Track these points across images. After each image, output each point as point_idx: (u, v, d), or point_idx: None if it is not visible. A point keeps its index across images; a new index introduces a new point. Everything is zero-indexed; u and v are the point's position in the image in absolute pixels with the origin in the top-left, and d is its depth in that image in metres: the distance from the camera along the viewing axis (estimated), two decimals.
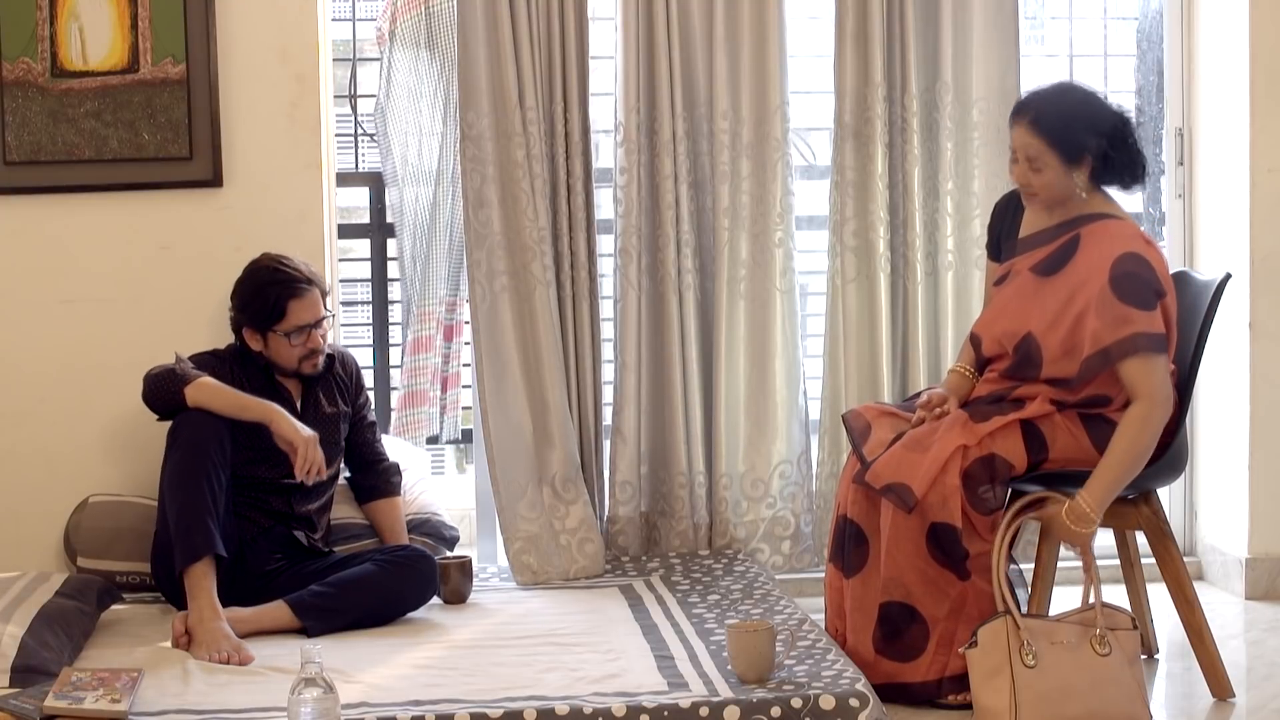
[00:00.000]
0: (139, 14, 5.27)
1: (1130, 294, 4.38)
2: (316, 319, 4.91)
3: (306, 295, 4.89)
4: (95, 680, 3.96)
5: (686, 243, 5.47)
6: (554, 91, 5.41)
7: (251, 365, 4.95)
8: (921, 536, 4.40)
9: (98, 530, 5.19)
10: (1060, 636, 4.24)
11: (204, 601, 4.51)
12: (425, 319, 5.59)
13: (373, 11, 5.77)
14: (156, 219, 5.38)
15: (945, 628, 4.42)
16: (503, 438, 5.35)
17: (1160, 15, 5.94)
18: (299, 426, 4.75)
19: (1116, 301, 4.37)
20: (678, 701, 3.90)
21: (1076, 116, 4.53)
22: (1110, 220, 4.53)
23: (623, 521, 5.52)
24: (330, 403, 5.02)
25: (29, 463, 5.38)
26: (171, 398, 4.74)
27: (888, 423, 4.60)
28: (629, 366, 5.47)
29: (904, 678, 4.45)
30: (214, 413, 4.72)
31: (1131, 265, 4.40)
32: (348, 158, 5.84)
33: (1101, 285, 4.39)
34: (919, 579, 4.41)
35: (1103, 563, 5.45)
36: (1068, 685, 4.20)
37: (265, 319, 4.88)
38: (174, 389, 4.73)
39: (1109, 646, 4.24)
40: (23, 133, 5.28)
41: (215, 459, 4.65)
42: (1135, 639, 4.30)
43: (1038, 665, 4.19)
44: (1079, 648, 4.24)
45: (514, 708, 3.87)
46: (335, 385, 5.05)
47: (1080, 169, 4.50)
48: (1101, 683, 4.22)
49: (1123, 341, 4.36)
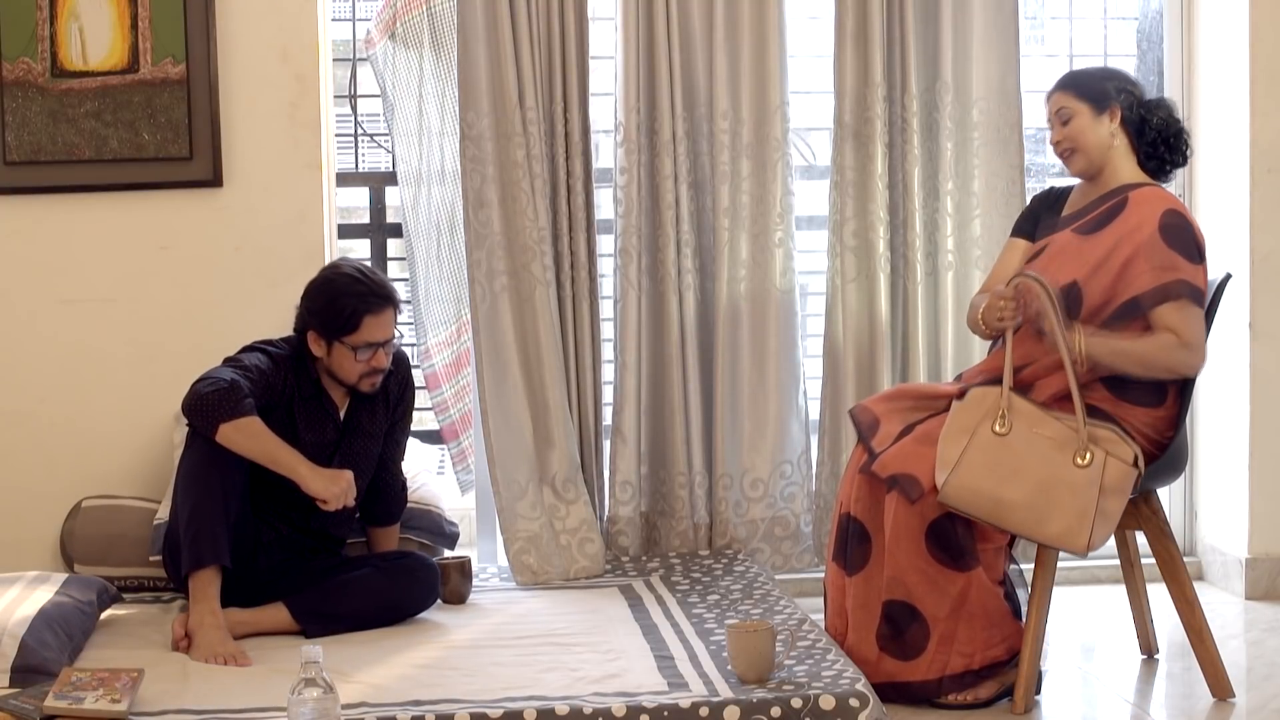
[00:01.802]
0: (139, 14, 5.27)
1: (1178, 243, 4.45)
2: (386, 338, 4.76)
3: (383, 312, 4.73)
4: (95, 680, 3.95)
5: (686, 243, 5.47)
6: (554, 91, 5.42)
7: (304, 373, 4.79)
8: (921, 535, 4.39)
9: (93, 537, 5.19)
10: (1045, 429, 4.35)
11: (206, 607, 4.50)
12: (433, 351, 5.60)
13: (371, 11, 5.77)
14: (156, 219, 5.38)
15: (946, 627, 4.42)
16: (503, 438, 5.35)
17: (1160, 15, 5.94)
18: (327, 481, 4.62)
19: (1165, 248, 4.44)
20: (678, 701, 3.90)
21: (1103, 74, 4.77)
22: (1155, 187, 4.61)
23: (623, 521, 5.52)
24: (373, 419, 4.90)
25: (28, 462, 5.38)
26: (209, 427, 4.54)
27: (897, 417, 4.59)
28: (629, 366, 5.47)
29: (905, 676, 4.45)
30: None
31: (1179, 220, 4.49)
32: (347, 158, 5.84)
33: (1151, 232, 4.45)
34: (920, 578, 4.40)
35: (1103, 563, 5.50)
36: (1021, 469, 4.31)
37: (336, 328, 4.71)
38: (214, 421, 4.53)
39: (1090, 460, 4.30)
40: (23, 133, 5.28)
41: (233, 461, 4.58)
42: (1127, 474, 4.32)
43: (1006, 439, 4.32)
44: (1057, 447, 4.33)
45: (514, 708, 3.86)
46: (384, 399, 4.91)
47: (1109, 117, 4.61)
48: (1056, 485, 4.30)
49: (1168, 285, 4.41)
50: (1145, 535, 4.65)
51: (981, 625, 4.43)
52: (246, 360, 4.70)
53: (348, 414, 4.86)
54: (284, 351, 4.81)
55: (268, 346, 4.81)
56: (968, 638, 4.40)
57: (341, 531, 4.96)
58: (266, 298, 5.29)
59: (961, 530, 4.38)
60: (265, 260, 5.38)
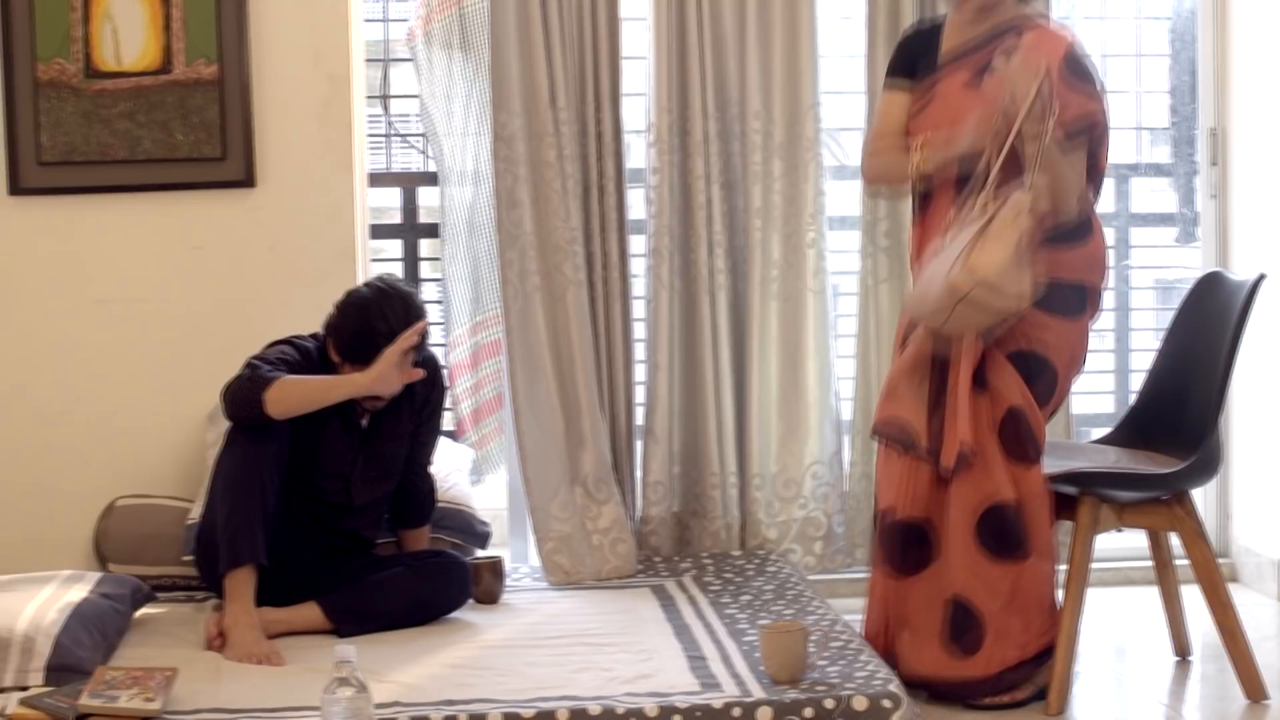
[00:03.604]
0: (172, 15, 5.29)
1: (1086, 75, 4.36)
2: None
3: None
4: (129, 679, 3.97)
5: (718, 243, 5.47)
6: (586, 92, 5.42)
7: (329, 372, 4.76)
8: (971, 532, 4.39)
9: (127, 536, 5.21)
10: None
11: (241, 606, 4.51)
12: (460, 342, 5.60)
13: (405, 12, 5.78)
14: (189, 219, 5.40)
15: (1000, 621, 4.40)
16: (535, 438, 5.35)
17: (1193, 14, 5.92)
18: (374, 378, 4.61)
19: (1075, 80, 4.33)
20: (710, 702, 3.90)
21: None
22: (1049, 28, 4.48)
23: (655, 522, 5.52)
24: (397, 422, 4.88)
25: (63, 462, 5.40)
26: (255, 412, 4.54)
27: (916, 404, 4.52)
28: (661, 367, 5.47)
29: (967, 674, 4.42)
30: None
31: (1081, 52, 4.39)
32: (379, 158, 5.85)
33: (1056, 67, 4.27)
34: (970, 575, 4.39)
35: (1137, 564, 5.48)
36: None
37: (351, 355, 4.71)
38: (255, 400, 4.54)
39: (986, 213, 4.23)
40: (57, 133, 5.30)
41: (271, 461, 4.60)
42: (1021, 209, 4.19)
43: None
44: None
45: (547, 708, 3.87)
46: (409, 401, 4.87)
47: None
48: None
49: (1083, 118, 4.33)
50: (1179, 537, 4.63)
51: (1035, 612, 4.42)
52: (269, 354, 4.72)
53: (372, 417, 4.86)
54: (312, 346, 4.83)
55: (295, 339, 4.83)
56: (1021, 627, 4.39)
57: (371, 534, 4.97)
58: (299, 298, 5.30)
59: (1012, 517, 4.36)
60: (298, 260, 5.39)
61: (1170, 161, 6.13)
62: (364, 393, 4.66)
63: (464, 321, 5.62)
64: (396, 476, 4.92)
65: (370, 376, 4.63)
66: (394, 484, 4.92)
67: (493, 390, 5.66)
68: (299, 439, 4.70)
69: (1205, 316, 4.76)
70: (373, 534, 4.97)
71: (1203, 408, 4.60)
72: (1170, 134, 6.14)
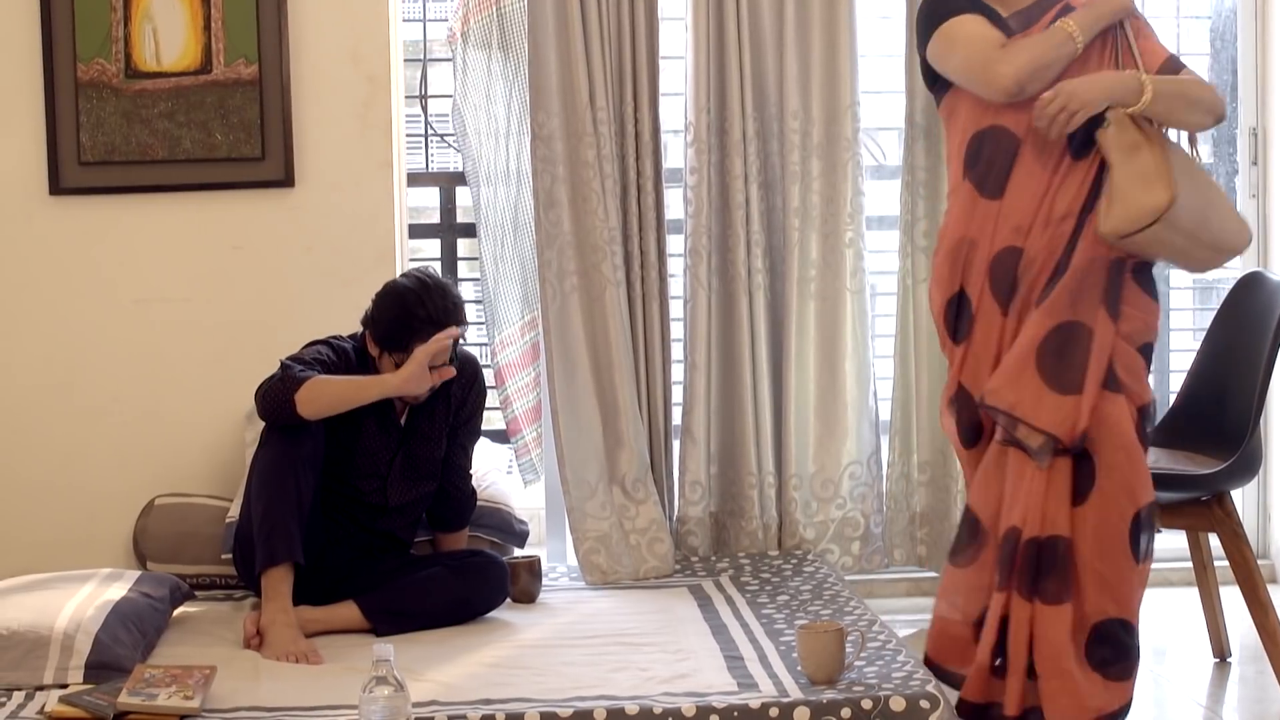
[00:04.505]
0: (212, 15, 5.30)
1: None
2: (441, 362, 4.72)
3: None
4: (168, 677, 3.98)
5: (757, 243, 5.46)
6: (624, 91, 5.42)
7: (369, 365, 4.78)
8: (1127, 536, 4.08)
9: (166, 535, 5.22)
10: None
11: (278, 605, 4.51)
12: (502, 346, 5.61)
13: (443, 12, 5.78)
14: (229, 219, 5.41)
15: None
16: (572, 437, 5.35)
17: (1234, 14, 5.90)
18: (404, 379, 4.61)
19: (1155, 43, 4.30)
20: (747, 702, 3.90)
21: None
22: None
23: (692, 522, 5.52)
24: (434, 423, 4.89)
25: (102, 460, 5.42)
26: (287, 412, 4.55)
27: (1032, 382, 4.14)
28: (699, 367, 5.46)
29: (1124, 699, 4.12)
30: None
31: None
32: (417, 158, 5.86)
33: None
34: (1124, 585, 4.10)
35: (1176, 565, 5.46)
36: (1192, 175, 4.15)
37: (389, 343, 4.73)
38: (287, 401, 4.55)
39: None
40: (97, 133, 5.32)
41: (306, 460, 4.61)
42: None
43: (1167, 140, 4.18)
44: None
45: (584, 707, 3.87)
46: (445, 402, 4.88)
47: None
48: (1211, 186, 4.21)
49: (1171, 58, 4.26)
50: (1218, 538, 4.63)
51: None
52: (304, 354, 4.73)
53: (409, 417, 4.87)
54: (348, 345, 4.84)
55: (333, 340, 4.84)
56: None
57: (408, 535, 4.97)
58: (338, 297, 5.31)
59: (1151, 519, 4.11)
60: (337, 260, 5.40)
61: (1210, 161, 6.10)
62: (395, 393, 4.67)
63: (514, 321, 5.62)
64: (434, 479, 4.92)
65: (401, 377, 4.63)
66: (432, 486, 4.92)
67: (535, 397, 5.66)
68: (335, 439, 4.71)
69: (1245, 316, 4.74)
70: (409, 535, 4.98)
71: (1243, 408, 4.58)
72: (1210, 133, 6.11)
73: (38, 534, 5.38)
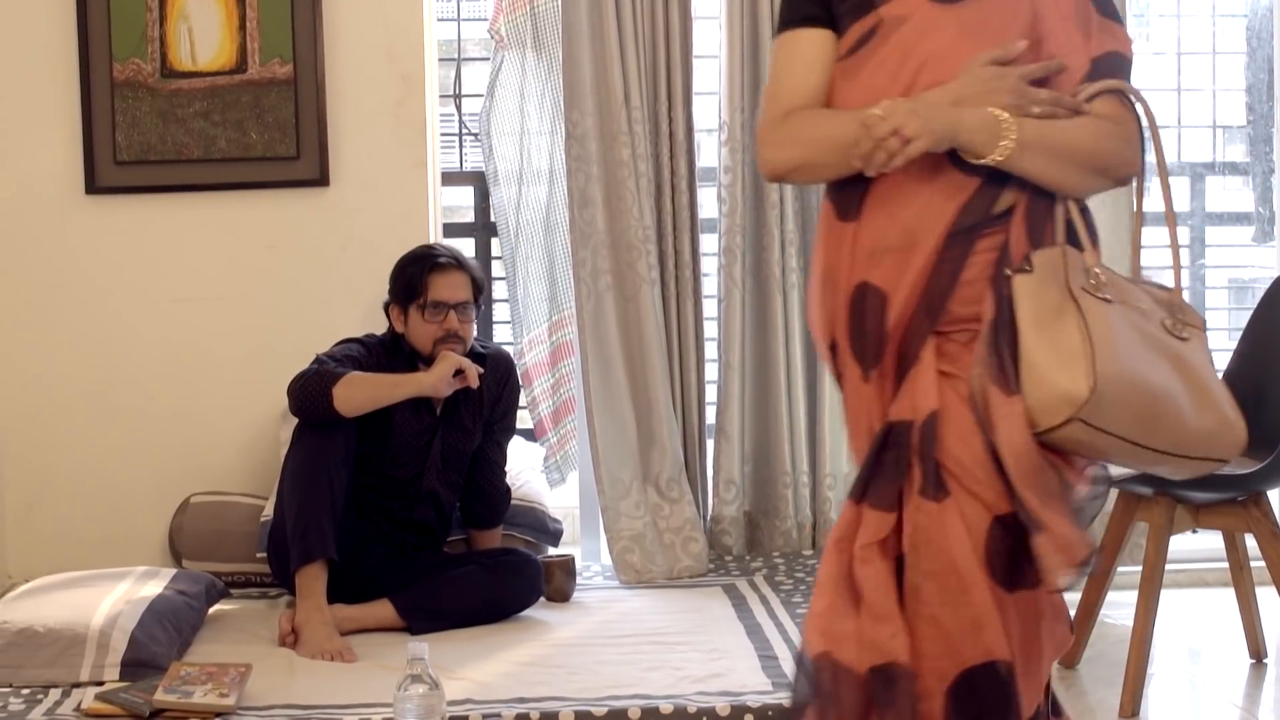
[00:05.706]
0: (247, 15, 5.31)
1: (1107, 4, 3.06)
2: (457, 300, 4.79)
3: (449, 273, 4.80)
4: (203, 674, 3.99)
5: (790, 241, 5.46)
6: (658, 90, 5.42)
7: (400, 362, 4.84)
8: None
9: (201, 533, 5.24)
10: (1133, 299, 2.94)
11: (313, 603, 4.53)
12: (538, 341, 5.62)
13: (476, 11, 5.79)
14: (264, 218, 5.42)
15: None
16: (607, 436, 5.35)
17: (1270, 12, 5.88)
18: (436, 376, 4.68)
19: (1095, 11, 3.03)
20: (782, 701, 3.89)
21: None
22: None
23: (726, 521, 5.52)
24: (469, 414, 4.92)
25: (138, 459, 5.44)
26: (323, 407, 4.59)
27: None
28: (733, 366, 5.46)
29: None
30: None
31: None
32: (452, 157, 5.87)
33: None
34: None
35: (1212, 565, 5.44)
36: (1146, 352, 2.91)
37: (406, 294, 4.81)
38: (324, 396, 4.60)
39: (1190, 337, 2.96)
40: (133, 133, 5.33)
41: (339, 457, 4.63)
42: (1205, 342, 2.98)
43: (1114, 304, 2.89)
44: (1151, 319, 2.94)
45: (618, 706, 3.88)
46: (480, 395, 4.90)
47: None
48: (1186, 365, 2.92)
49: (1110, 57, 3.00)
50: (1255, 538, 4.60)
51: None
52: (335, 351, 4.78)
53: (444, 407, 4.88)
54: (377, 340, 4.88)
55: (364, 338, 4.89)
56: None
57: (441, 527, 4.99)
58: (372, 296, 5.30)
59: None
60: (371, 259, 5.40)
61: (1246, 160, 6.09)
62: (427, 392, 4.69)
63: (540, 322, 5.62)
64: (465, 470, 4.95)
65: (434, 375, 4.67)
66: (462, 476, 4.95)
67: (570, 390, 5.66)
68: (368, 433, 4.72)
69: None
70: (442, 528, 4.99)
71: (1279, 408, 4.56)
72: (1246, 132, 6.10)
73: (74, 531, 5.40)
